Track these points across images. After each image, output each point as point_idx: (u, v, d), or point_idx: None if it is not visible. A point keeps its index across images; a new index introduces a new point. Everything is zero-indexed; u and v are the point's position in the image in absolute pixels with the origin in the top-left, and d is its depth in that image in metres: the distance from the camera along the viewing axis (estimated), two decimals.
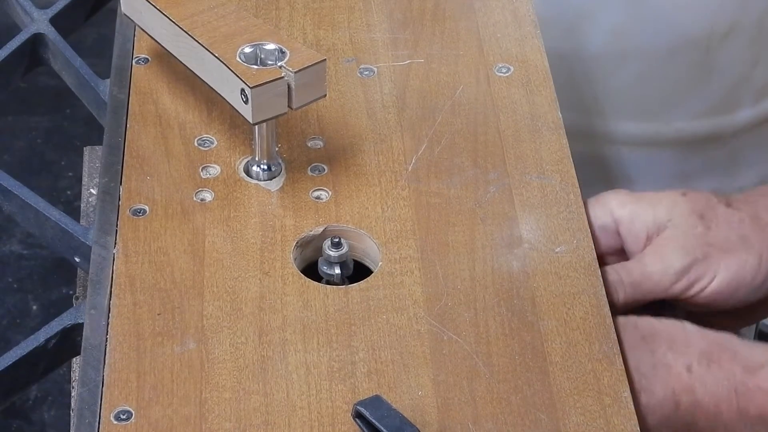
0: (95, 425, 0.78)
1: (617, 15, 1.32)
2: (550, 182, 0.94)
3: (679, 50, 1.34)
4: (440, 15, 1.08)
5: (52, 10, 1.12)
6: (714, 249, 0.92)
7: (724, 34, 1.33)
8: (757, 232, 0.92)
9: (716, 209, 0.93)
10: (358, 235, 0.90)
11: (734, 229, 0.93)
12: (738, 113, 1.42)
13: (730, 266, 0.91)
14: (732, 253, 0.92)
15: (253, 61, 0.89)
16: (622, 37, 1.33)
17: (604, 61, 1.35)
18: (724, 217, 0.93)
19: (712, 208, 0.94)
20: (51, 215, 0.95)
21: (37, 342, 0.87)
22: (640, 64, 1.35)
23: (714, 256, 0.91)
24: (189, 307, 0.85)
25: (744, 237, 0.92)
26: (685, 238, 0.91)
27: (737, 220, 0.93)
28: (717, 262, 0.91)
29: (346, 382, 0.80)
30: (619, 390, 0.80)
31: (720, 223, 0.93)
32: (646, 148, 1.43)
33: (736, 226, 0.93)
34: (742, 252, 0.92)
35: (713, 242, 0.92)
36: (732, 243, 0.92)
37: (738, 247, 0.92)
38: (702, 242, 0.92)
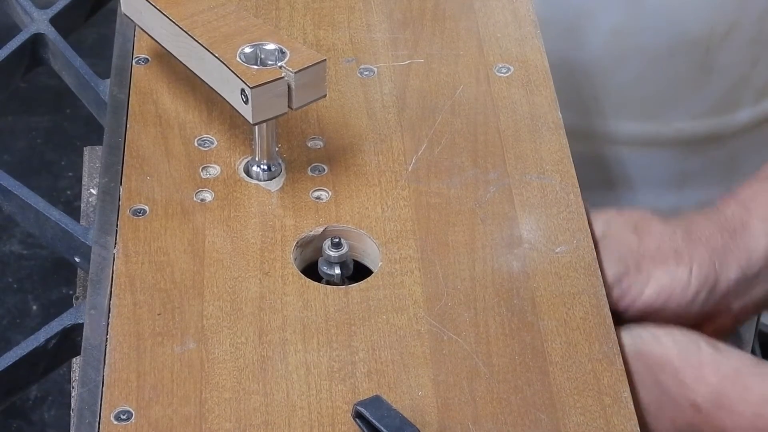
0: (95, 425, 0.78)
1: (617, 15, 1.32)
2: (550, 182, 0.94)
3: (679, 50, 1.34)
4: (440, 15, 1.08)
5: (52, 10, 1.12)
6: (645, 259, 0.92)
7: (724, 34, 1.33)
8: (689, 246, 0.93)
9: (650, 223, 0.94)
10: (358, 235, 0.90)
11: (666, 241, 0.93)
12: (738, 113, 1.42)
13: (660, 277, 0.92)
14: (663, 264, 0.92)
15: (254, 61, 0.89)
16: (622, 37, 1.33)
17: (604, 61, 1.35)
18: (657, 229, 0.94)
19: (647, 221, 0.94)
20: (51, 215, 0.95)
21: (37, 342, 0.87)
22: (640, 64, 1.35)
23: (645, 267, 0.92)
24: (189, 307, 0.85)
25: (675, 249, 0.93)
26: (618, 249, 0.92)
27: (670, 233, 0.94)
28: (648, 273, 0.92)
29: (346, 382, 0.80)
30: (619, 390, 0.80)
31: (653, 235, 0.94)
32: (646, 148, 1.43)
33: (668, 239, 0.93)
34: (672, 263, 0.92)
35: (645, 253, 0.92)
36: (663, 254, 0.93)
37: (669, 258, 0.92)
38: (635, 253, 0.92)
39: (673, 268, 0.92)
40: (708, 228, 0.95)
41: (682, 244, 0.93)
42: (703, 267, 0.93)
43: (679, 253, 0.93)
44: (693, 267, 0.92)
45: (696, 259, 0.93)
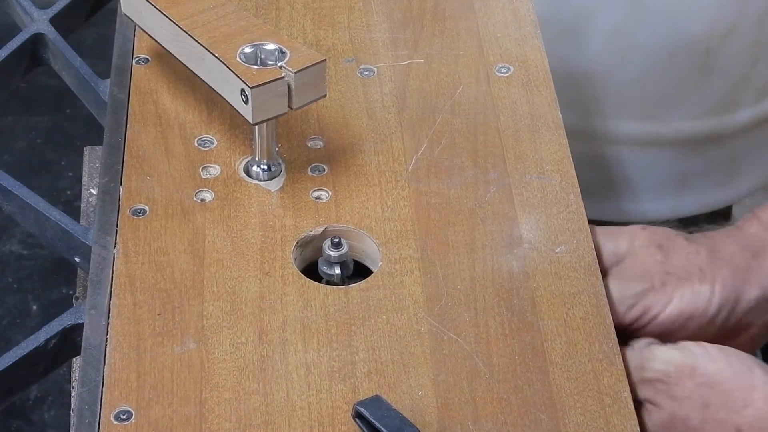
0: (95, 425, 0.78)
1: (617, 15, 1.33)
2: (550, 182, 0.94)
3: (679, 50, 1.34)
4: (440, 15, 1.08)
5: (52, 10, 1.12)
6: (671, 277, 0.93)
7: (724, 34, 1.33)
8: (712, 264, 0.94)
9: (675, 241, 0.95)
10: (358, 235, 0.90)
11: (691, 260, 0.94)
12: (738, 113, 1.42)
13: (684, 295, 0.93)
14: (687, 282, 0.93)
15: (253, 61, 0.89)
16: (622, 37, 1.33)
17: (604, 61, 1.35)
18: (682, 247, 0.95)
19: (671, 239, 0.95)
20: (51, 215, 0.95)
21: (37, 342, 0.87)
22: (640, 64, 1.35)
23: (670, 284, 0.93)
24: (189, 307, 0.85)
25: (700, 267, 0.94)
26: (644, 265, 0.93)
27: (694, 251, 0.94)
28: (672, 290, 0.92)
29: (346, 382, 0.80)
30: (619, 390, 0.80)
31: (678, 253, 0.94)
32: (646, 148, 1.43)
33: (693, 257, 0.94)
34: (696, 282, 0.93)
35: (671, 271, 0.93)
36: (688, 273, 0.93)
37: (693, 276, 0.93)
38: (660, 270, 0.93)
39: (697, 287, 0.93)
40: (731, 247, 0.95)
41: (705, 262, 0.94)
42: (726, 286, 0.93)
43: (703, 271, 0.93)
44: (716, 286, 0.93)
45: (719, 278, 0.93)
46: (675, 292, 0.92)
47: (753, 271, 0.94)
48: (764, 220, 0.97)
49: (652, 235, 0.95)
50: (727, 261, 0.94)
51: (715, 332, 0.94)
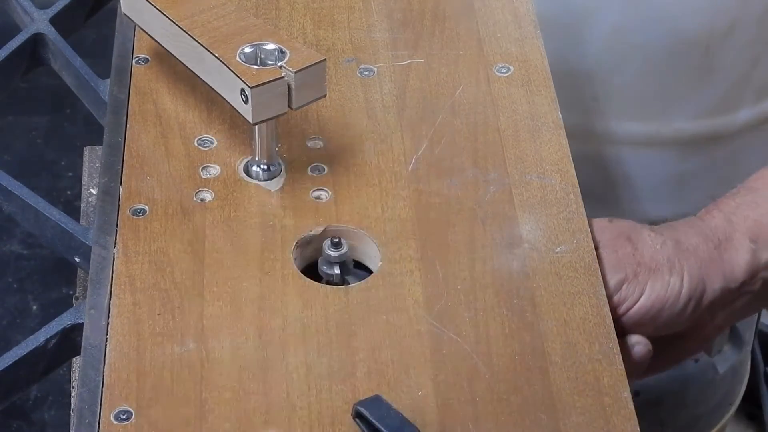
0: (95, 425, 0.78)
1: (617, 15, 1.32)
2: (550, 182, 0.94)
3: (679, 50, 1.34)
4: (440, 15, 1.08)
5: (52, 10, 1.12)
6: (642, 268, 0.94)
7: (724, 34, 1.33)
8: (679, 255, 0.95)
9: (641, 232, 0.96)
10: (358, 235, 0.90)
11: (659, 251, 0.95)
12: (738, 113, 1.42)
13: (655, 285, 0.94)
14: (658, 273, 0.94)
15: (253, 61, 0.89)
16: (622, 37, 1.33)
17: (604, 61, 1.35)
18: (649, 239, 0.96)
19: (637, 231, 0.96)
20: (51, 215, 0.95)
21: (37, 342, 0.87)
22: (640, 64, 1.35)
23: (642, 276, 0.94)
24: (189, 308, 0.85)
25: (668, 258, 0.95)
26: (616, 257, 0.94)
27: (661, 242, 0.96)
28: (644, 281, 0.94)
29: (346, 382, 0.80)
30: (619, 390, 0.80)
31: (646, 244, 0.95)
32: (646, 148, 1.43)
33: (660, 249, 0.95)
34: (666, 272, 0.94)
35: (641, 261, 0.94)
36: (658, 264, 0.94)
37: (663, 267, 0.94)
38: (631, 261, 0.94)
39: (668, 278, 0.94)
40: (694, 238, 0.97)
41: (673, 253, 0.95)
42: (693, 277, 0.95)
43: (671, 262, 0.95)
44: (684, 277, 0.94)
45: (687, 268, 0.95)
46: (647, 283, 0.93)
47: (716, 262, 0.96)
48: (725, 211, 0.98)
49: (619, 227, 0.96)
50: (692, 252, 0.95)
51: (682, 323, 0.95)
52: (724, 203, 1.00)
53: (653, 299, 0.93)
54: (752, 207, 0.99)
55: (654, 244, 0.95)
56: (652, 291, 0.93)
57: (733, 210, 0.99)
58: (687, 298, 0.94)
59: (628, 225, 0.97)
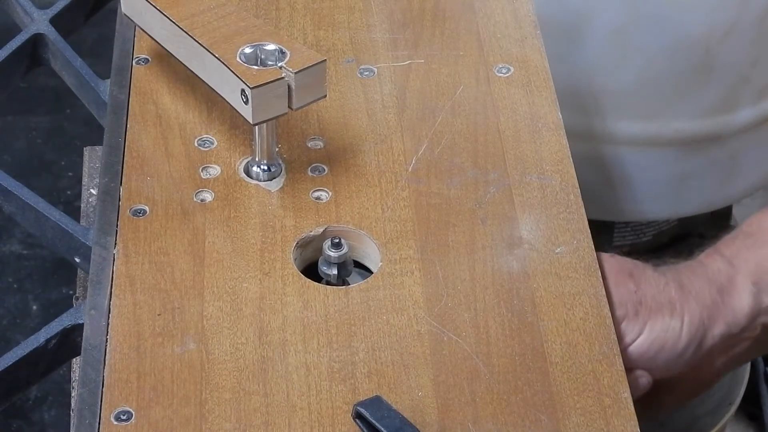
0: (95, 426, 0.78)
1: (617, 15, 1.32)
2: (550, 183, 0.94)
3: (679, 50, 1.34)
4: (440, 15, 1.08)
5: (53, 10, 1.12)
6: (643, 307, 0.94)
7: (724, 33, 1.33)
8: (681, 298, 0.95)
9: (644, 271, 0.96)
10: (358, 236, 0.90)
11: (661, 291, 0.95)
12: (738, 113, 1.42)
13: (654, 326, 0.93)
14: (658, 314, 0.94)
15: (254, 62, 0.89)
16: (622, 37, 1.33)
17: (604, 61, 1.35)
18: (652, 278, 0.96)
19: (640, 269, 0.96)
20: (51, 215, 0.95)
21: (37, 342, 0.87)
22: (640, 64, 1.35)
23: (642, 314, 0.93)
24: (189, 308, 0.85)
25: (670, 300, 0.94)
26: (617, 293, 0.93)
27: (663, 283, 0.95)
28: (644, 320, 0.93)
29: (346, 383, 0.80)
30: (619, 391, 0.80)
31: (649, 283, 0.95)
32: (646, 148, 1.43)
33: (663, 289, 0.95)
34: (666, 314, 0.94)
35: (642, 300, 0.94)
36: (659, 304, 0.94)
37: (664, 308, 0.94)
38: (633, 299, 0.94)
39: (668, 319, 0.94)
40: (697, 282, 0.96)
41: (675, 295, 0.95)
42: (694, 321, 0.94)
43: (673, 304, 0.94)
44: (685, 320, 0.94)
45: (688, 312, 0.94)
46: (647, 323, 0.93)
47: (718, 307, 0.95)
48: (727, 255, 0.98)
49: (622, 263, 0.96)
50: (695, 296, 0.95)
51: (681, 366, 0.95)
52: (724, 247, 0.99)
53: (652, 339, 0.93)
54: (752, 250, 0.98)
55: (657, 284, 0.95)
56: (651, 331, 0.93)
57: (734, 254, 0.98)
58: (687, 342, 0.94)
59: (630, 262, 0.96)
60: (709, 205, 1.53)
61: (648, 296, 0.94)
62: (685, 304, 0.94)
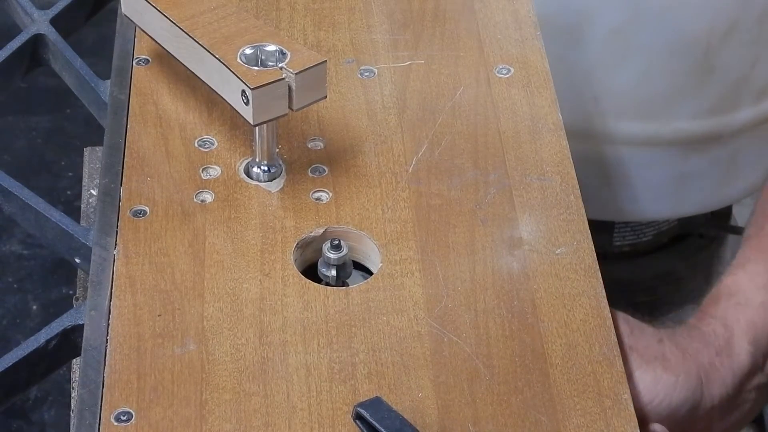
0: (95, 426, 0.78)
1: (617, 15, 1.32)
2: (551, 184, 0.94)
3: (679, 50, 1.34)
4: (440, 16, 1.08)
5: (53, 10, 1.12)
6: (634, 353, 0.92)
7: (724, 33, 1.33)
8: (676, 357, 0.93)
9: (641, 323, 0.94)
10: (358, 237, 0.90)
11: (654, 345, 0.93)
12: (738, 113, 1.42)
13: (644, 377, 0.91)
14: (649, 366, 0.92)
15: (254, 63, 0.89)
16: (622, 37, 1.33)
17: (604, 61, 1.35)
18: (648, 331, 0.94)
19: (636, 320, 0.94)
20: (51, 216, 0.95)
21: (38, 343, 0.87)
22: (640, 64, 1.35)
23: (633, 361, 0.91)
24: (189, 309, 0.85)
25: (663, 355, 0.92)
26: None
27: (658, 339, 0.94)
28: (633, 368, 0.91)
29: (346, 384, 0.80)
30: (619, 392, 0.80)
31: (643, 333, 0.93)
32: (646, 148, 1.43)
33: (655, 342, 0.93)
34: (659, 368, 0.92)
35: (633, 346, 0.92)
36: (651, 356, 0.92)
37: (656, 362, 0.92)
38: (624, 343, 0.91)
39: (660, 373, 0.92)
40: (695, 343, 0.94)
41: (669, 352, 0.93)
42: (691, 380, 0.92)
43: (668, 360, 0.92)
44: (680, 377, 0.92)
45: (683, 370, 0.92)
46: (636, 371, 0.91)
47: (717, 369, 0.93)
48: (717, 316, 0.96)
49: (619, 313, 0.93)
50: (692, 356, 0.93)
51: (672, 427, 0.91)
52: (713, 309, 0.97)
53: (641, 388, 0.90)
54: (740, 310, 0.96)
55: (652, 337, 0.93)
56: (640, 381, 0.91)
57: (723, 314, 0.96)
58: (682, 400, 0.92)
59: (624, 313, 0.94)
60: (709, 205, 1.53)
61: (641, 345, 0.92)
62: (681, 363, 0.93)
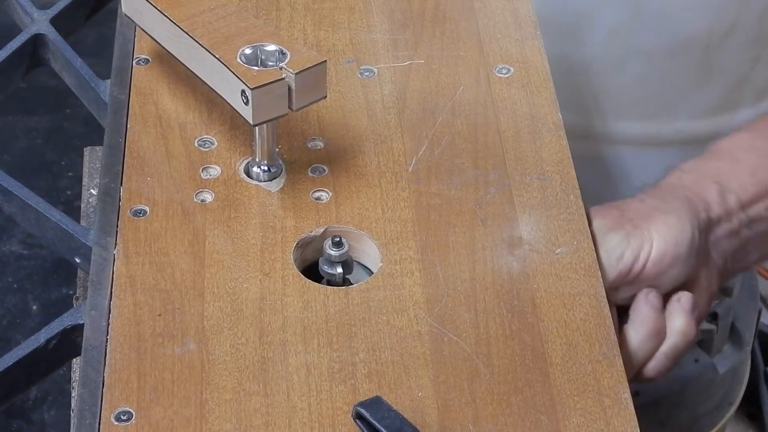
0: (96, 426, 0.78)
1: (617, 15, 1.32)
2: (551, 183, 0.94)
3: (679, 50, 1.34)
4: (440, 16, 1.08)
5: (53, 10, 1.12)
6: (638, 220, 0.96)
7: (724, 33, 1.33)
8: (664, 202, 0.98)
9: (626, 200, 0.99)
10: (358, 236, 0.90)
11: (643, 204, 0.98)
12: (738, 113, 1.42)
13: (660, 229, 0.95)
14: (652, 219, 0.96)
15: (254, 62, 0.89)
16: (622, 37, 1.33)
17: (604, 61, 1.35)
18: (634, 203, 0.98)
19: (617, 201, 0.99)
20: (51, 216, 0.95)
21: (38, 343, 0.87)
22: (641, 64, 1.35)
23: (641, 225, 0.95)
24: (189, 308, 0.85)
25: (655, 207, 0.97)
26: (607, 222, 0.95)
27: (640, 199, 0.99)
28: (646, 229, 0.95)
29: (346, 383, 0.80)
30: (619, 391, 0.80)
31: (629, 204, 0.98)
32: (646, 148, 1.43)
33: (643, 203, 0.98)
34: (660, 216, 0.96)
35: (633, 217, 0.96)
36: (648, 213, 0.97)
37: (655, 213, 0.96)
38: (623, 219, 0.96)
39: (663, 217, 0.96)
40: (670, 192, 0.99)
41: (656, 203, 0.98)
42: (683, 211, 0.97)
43: (659, 208, 0.97)
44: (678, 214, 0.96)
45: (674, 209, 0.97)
46: (650, 229, 0.95)
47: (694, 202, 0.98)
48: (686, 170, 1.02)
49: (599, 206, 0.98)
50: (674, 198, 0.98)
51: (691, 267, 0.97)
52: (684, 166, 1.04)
53: (665, 241, 0.95)
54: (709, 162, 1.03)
55: (636, 201, 0.98)
56: (659, 235, 0.95)
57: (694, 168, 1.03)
58: (690, 231, 0.96)
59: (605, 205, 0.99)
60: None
61: (632, 211, 0.97)
62: (670, 204, 0.97)
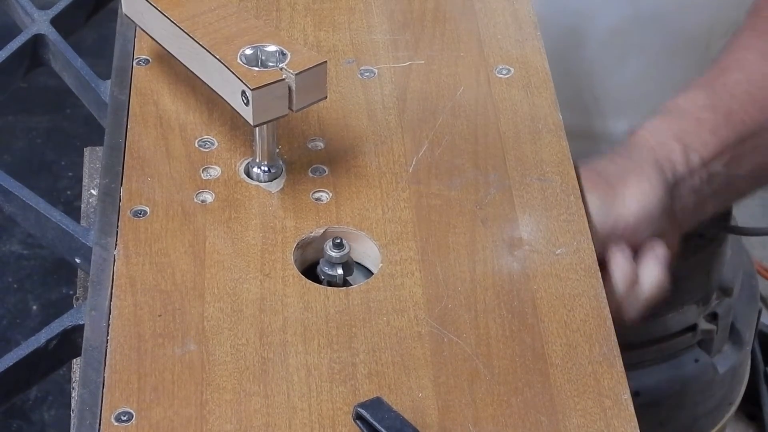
0: (96, 426, 0.78)
1: (617, 15, 1.32)
2: (551, 184, 0.94)
3: (679, 49, 1.34)
4: (441, 16, 1.08)
5: (53, 10, 1.12)
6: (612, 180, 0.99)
7: (724, 33, 1.33)
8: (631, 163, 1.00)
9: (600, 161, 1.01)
10: (358, 237, 0.90)
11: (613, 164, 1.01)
12: None
13: (634, 193, 0.98)
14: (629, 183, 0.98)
15: (254, 63, 0.89)
16: (621, 37, 1.33)
17: (603, 61, 1.35)
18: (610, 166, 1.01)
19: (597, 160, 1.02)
20: (51, 216, 0.95)
21: (38, 343, 0.87)
22: (640, 64, 1.35)
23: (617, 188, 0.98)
24: (190, 309, 0.85)
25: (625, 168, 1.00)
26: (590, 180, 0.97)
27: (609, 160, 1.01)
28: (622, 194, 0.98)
29: (346, 384, 0.80)
30: (620, 392, 0.80)
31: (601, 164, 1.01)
32: None
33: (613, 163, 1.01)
34: (634, 181, 0.99)
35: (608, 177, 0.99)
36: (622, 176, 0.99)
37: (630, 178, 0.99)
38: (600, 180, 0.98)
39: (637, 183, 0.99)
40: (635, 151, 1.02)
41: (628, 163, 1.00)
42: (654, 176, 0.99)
43: (632, 170, 1.00)
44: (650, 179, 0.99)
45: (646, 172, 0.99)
46: (625, 195, 0.98)
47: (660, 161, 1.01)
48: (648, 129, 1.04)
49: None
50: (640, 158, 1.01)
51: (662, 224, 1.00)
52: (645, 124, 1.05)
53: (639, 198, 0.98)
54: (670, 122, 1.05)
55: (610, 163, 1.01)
56: (633, 199, 0.98)
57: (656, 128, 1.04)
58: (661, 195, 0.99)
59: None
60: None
61: (609, 172, 0.99)
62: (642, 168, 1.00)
